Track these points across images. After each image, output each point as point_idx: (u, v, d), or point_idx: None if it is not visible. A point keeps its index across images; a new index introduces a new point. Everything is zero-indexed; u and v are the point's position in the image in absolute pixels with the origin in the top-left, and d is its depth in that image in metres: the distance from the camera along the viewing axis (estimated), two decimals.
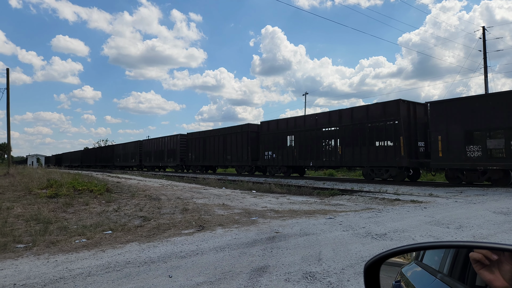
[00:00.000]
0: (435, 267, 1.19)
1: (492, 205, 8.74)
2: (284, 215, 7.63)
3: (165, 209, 8.73)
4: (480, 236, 5.32)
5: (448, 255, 1.16)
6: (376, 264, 1.22)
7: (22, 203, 9.62)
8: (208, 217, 7.49)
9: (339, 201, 10.50)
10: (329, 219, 6.98)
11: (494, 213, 7.38)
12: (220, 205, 9.40)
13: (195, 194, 12.53)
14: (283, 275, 3.59)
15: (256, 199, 10.95)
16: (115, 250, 4.81)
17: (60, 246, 5.15)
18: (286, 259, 4.17)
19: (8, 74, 28.72)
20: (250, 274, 3.64)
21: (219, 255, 4.39)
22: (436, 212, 7.62)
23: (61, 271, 3.85)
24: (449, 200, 10.00)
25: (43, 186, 12.97)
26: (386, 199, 10.47)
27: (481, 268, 0.96)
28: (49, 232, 6.11)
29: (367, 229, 5.87)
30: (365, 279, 1.23)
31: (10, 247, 5.10)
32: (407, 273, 1.27)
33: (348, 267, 3.83)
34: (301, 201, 10.42)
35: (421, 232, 5.60)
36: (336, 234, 5.52)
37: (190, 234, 5.80)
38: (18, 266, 4.12)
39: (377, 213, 7.70)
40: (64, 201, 9.70)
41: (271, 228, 6.07)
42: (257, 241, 5.12)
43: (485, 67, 29.94)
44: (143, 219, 7.37)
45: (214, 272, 3.73)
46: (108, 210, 8.71)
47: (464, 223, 6.27)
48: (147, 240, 5.38)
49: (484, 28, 30.57)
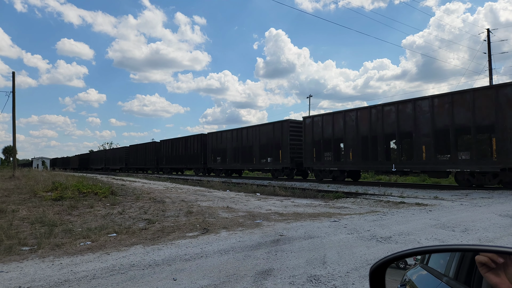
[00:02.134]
0: (441, 271, 1.19)
1: (498, 208, 8.67)
2: (288, 218, 7.61)
3: (169, 212, 8.74)
4: (486, 239, 5.29)
5: (453, 259, 1.15)
6: (381, 267, 1.22)
7: (27, 206, 9.67)
8: (213, 220, 7.49)
9: (343, 204, 10.47)
10: (333, 222, 6.96)
11: (500, 216, 7.32)
12: (225, 208, 9.40)
13: (199, 196, 12.54)
14: (287, 278, 3.58)
15: (260, 202, 10.94)
16: (120, 252, 4.82)
17: (65, 248, 5.17)
18: (290, 262, 4.15)
19: (14, 78, 28.94)
20: (255, 277, 3.63)
21: (223, 258, 4.39)
22: (441, 215, 7.57)
23: (66, 274, 3.86)
24: (455, 203, 9.94)
25: (48, 189, 13.05)
26: (391, 202, 10.43)
27: (487, 271, 0.96)
28: (54, 234, 6.13)
29: (372, 232, 5.84)
30: (370, 283, 1.23)
31: (15, 249, 5.12)
32: (413, 276, 1.26)
33: (353, 270, 3.82)
34: (305, 204, 10.40)
35: (427, 235, 5.57)
36: (341, 237, 5.50)
37: (195, 237, 5.80)
38: (23, 269, 4.14)
39: (382, 216, 7.67)
40: (69, 204, 9.74)
41: (275, 231, 6.06)
42: (262, 244, 5.11)
43: (490, 69, 29.80)
44: (147, 221, 7.39)
45: (218, 275, 3.73)
46: (112, 212, 8.74)
47: (469, 226, 6.23)
48: (152, 243, 5.39)
49: (489, 30, 30.45)
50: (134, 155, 49.71)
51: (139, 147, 48.63)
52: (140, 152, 47.81)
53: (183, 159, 36.68)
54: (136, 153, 49.02)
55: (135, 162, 48.94)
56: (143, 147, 47.41)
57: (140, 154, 47.60)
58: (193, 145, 35.04)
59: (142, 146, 47.71)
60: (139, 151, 48.22)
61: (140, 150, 47.86)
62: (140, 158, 47.48)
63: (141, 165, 47.21)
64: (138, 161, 48.16)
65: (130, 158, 50.90)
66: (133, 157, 49.87)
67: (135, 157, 49.08)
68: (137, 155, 48.65)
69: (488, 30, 30.50)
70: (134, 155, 49.53)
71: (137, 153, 48.68)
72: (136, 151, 48.96)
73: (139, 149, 48.25)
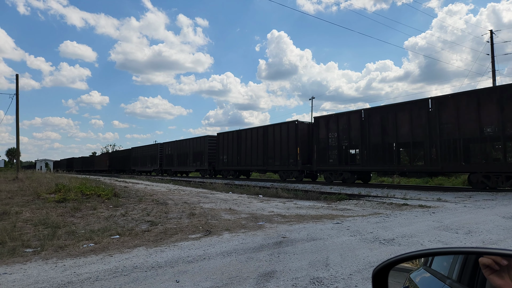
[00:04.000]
0: (444, 273, 1.19)
1: (501, 210, 8.63)
2: (291, 220, 7.60)
3: (172, 214, 8.75)
4: (489, 241, 5.26)
5: (457, 261, 1.15)
6: (384, 270, 1.22)
7: (30, 208, 9.70)
8: (215, 221, 7.49)
9: (346, 206, 10.45)
10: (336, 224, 6.94)
11: (504, 218, 7.29)
12: (227, 210, 9.40)
13: (202, 198, 12.55)
14: (290, 280, 3.57)
15: (262, 204, 10.93)
16: (123, 254, 4.83)
17: (68, 250, 5.18)
18: (293, 264, 4.15)
19: (17, 80, 29.09)
20: (257, 279, 3.63)
21: (226, 260, 4.39)
22: (444, 217, 7.54)
23: (69, 276, 3.87)
24: (458, 205, 9.90)
25: (52, 191, 13.09)
26: (394, 203, 10.40)
27: (490, 273, 0.95)
28: (57, 236, 6.15)
29: (375, 234, 5.82)
30: (373, 285, 1.23)
31: (18, 251, 5.14)
32: (416, 278, 1.26)
33: (355, 272, 3.81)
34: (308, 206, 10.39)
35: (430, 237, 5.55)
36: (344, 239, 5.48)
37: (197, 238, 5.81)
38: (27, 271, 4.15)
39: (385, 218, 7.65)
40: (72, 206, 9.77)
41: (278, 233, 6.05)
42: (264, 246, 5.11)
43: (493, 70, 29.72)
44: (150, 223, 7.40)
45: (221, 277, 3.73)
46: (115, 214, 8.75)
47: (473, 228, 6.20)
48: (154, 245, 5.40)
49: (492, 31, 30.38)
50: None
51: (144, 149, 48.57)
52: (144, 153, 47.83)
53: (186, 161, 36.47)
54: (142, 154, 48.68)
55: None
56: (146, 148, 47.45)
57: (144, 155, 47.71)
58: (199, 145, 34.52)
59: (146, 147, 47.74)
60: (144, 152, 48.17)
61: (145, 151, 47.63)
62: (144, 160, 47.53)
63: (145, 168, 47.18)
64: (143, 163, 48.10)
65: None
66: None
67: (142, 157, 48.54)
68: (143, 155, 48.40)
69: (491, 31, 30.44)
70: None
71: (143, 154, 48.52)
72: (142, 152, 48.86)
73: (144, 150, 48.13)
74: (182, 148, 37.76)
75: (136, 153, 51.01)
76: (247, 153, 27.71)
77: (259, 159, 26.50)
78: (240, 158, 28.55)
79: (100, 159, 67.99)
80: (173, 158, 39.58)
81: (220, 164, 31.16)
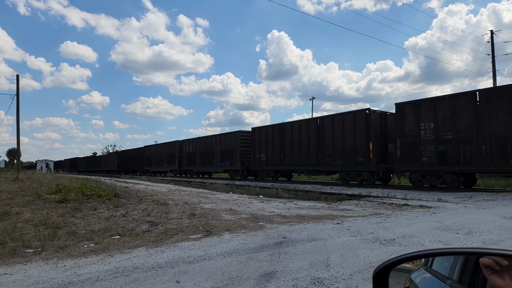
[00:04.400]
0: (445, 273, 1.18)
1: (502, 210, 8.63)
2: (291, 220, 7.60)
3: (172, 214, 8.75)
4: (490, 242, 5.26)
5: (457, 261, 1.15)
6: (385, 270, 1.22)
7: (31, 208, 9.71)
8: (216, 222, 7.49)
9: (347, 206, 10.45)
10: (337, 224, 6.94)
11: (504, 218, 7.29)
12: (227, 210, 9.40)
13: (202, 199, 12.55)
14: (290, 280, 3.57)
15: (263, 204, 10.93)
16: (123, 255, 4.83)
17: (68, 251, 5.18)
18: (293, 264, 4.15)
19: (18, 80, 29.11)
20: (258, 279, 3.63)
21: (226, 260, 4.39)
22: (445, 217, 7.54)
23: (70, 276, 3.87)
24: (459, 205, 9.89)
25: (52, 191, 13.10)
26: (395, 204, 10.40)
27: (491, 273, 0.95)
28: (58, 237, 6.15)
29: (376, 234, 5.82)
30: (374, 285, 1.23)
31: (19, 251, 5.14)
32: (416, 279, 1.26)
33: (356, 273, 3.80)
34: (308, 206, 10.38)
35: (430, 237, 5.55)
36: (344, 239, 5.48)
37: (198, 239, 5.81)
38: (27, 271, 4.15)
39: (386, 218, 7.65)
40: (73, 206, 9.77)
41: (278, 233, 6.05)
42: (265, 246, 5.11)
43: (493, 70, 29.72)
44: (150, 224, 7.40)
45: (221, 277, 3.73)
46: (116, 215, 8.75)
47: (474, 229, 6.20)
48: (155, 245, 5.40)
49: (492, 32, 30.38)
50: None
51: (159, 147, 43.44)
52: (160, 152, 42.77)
53: (212, 160, 32.39)
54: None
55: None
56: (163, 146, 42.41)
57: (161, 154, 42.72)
58: (228, 142, 30.11)
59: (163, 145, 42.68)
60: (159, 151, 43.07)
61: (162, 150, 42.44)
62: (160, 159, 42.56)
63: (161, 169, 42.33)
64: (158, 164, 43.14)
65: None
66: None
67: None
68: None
69: (491, 31, 30.44)
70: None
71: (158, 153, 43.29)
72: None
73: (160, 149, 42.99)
74: (206, 145, 33.30)
75: (150, 151, 45.78)
76: (294, 150, 23.39)
77: (311, 157, 22.03)
78: (284, 157, 24.23)
79: (107, 159, 63.38)
80: (195, 157, 35.00)
81: (257, 164, 26.83)
